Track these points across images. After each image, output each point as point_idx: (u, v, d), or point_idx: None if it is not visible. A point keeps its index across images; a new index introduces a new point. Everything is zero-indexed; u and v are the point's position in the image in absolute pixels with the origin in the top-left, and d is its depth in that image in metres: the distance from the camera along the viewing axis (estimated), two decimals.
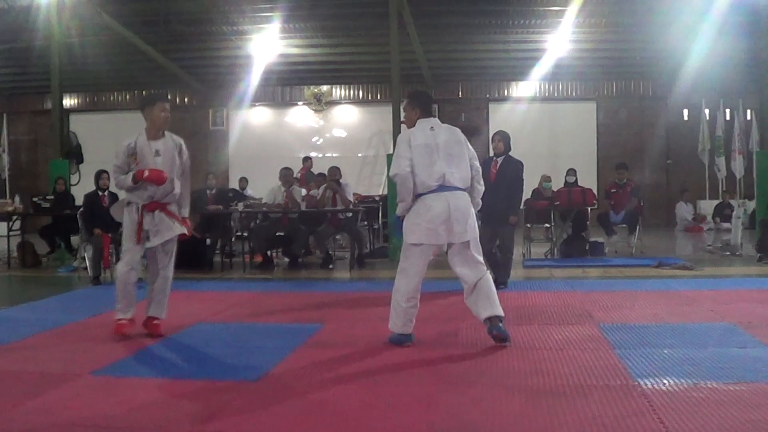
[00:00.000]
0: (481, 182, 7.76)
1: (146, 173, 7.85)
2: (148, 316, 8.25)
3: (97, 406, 5.60)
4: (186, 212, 8.39)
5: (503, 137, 11.64)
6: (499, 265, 11.46)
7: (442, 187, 7.28)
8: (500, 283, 10.94)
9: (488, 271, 7.57)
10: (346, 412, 5.42)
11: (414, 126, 7.58)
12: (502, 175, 11.34)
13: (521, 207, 13.75)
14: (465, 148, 7.54)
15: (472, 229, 7.39)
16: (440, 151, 7.35)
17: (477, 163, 7.69)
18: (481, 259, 7.50)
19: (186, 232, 8.26)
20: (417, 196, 7.34)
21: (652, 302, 9.74)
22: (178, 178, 8.20)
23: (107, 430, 5.08)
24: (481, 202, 7.78)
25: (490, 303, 7.33)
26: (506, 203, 11.27)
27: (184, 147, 8.37)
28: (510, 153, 11.64)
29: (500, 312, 7.34)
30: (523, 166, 11.68)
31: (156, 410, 5.49)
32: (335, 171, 15.24)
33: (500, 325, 7.30)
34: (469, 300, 7.48)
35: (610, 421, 5.01)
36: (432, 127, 7.50)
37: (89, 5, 19.78)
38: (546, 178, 16.71)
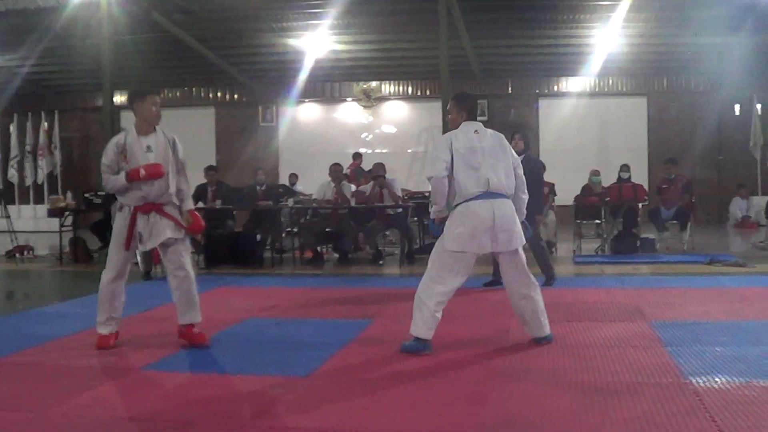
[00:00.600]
0: (525, 192, 7.55)
1: (142, 172, 7.25)
2: (181, 324, 7.57)
3: (148, 401, 5.67)
4: (190, 204, 7.78)
5: (523, 136, 11.38)
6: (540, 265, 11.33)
7: (487, 194, 7.00)
8: (549, 279, 10.93)
9: (537, 288, 7.33)
10: (396, 407, 5.44)
11: (457, 128, 7.32)
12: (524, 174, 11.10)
13: (572, 203, 13.65)
14: (509, 155, 7.33)
15: (518, 237, 7.12)
16: (485, 156, 7.09)
17: (521, 171, 7.46)
18: (528, 271, 7.28)
19: (182, 232, 7.59)
20: (459, 201, 7.06)
21: (704, 299, 9.65)
22: (173, 176, 7.58)
23: (157, 425, 5.12)
24: (525, 212, 7.63)
25: (537, 324, 7.27)
26: (530, 203, 11.09)
27: (178, 142, 7.76)
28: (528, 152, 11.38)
29: (545, 332, 7.29)
30: (543, 165, 11.63)
31: (207, 405, 5.53)
32: (379, 167, 15.27)
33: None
34: (516, 310, 7.39)
35: (661, 419, 4.98)
36: (476, 131, 7.24)
37: (139, 3, 19.93)
38: (594, 173, 16.63)
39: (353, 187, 15.60)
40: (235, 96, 28.23)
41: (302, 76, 25.11)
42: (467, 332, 7.59)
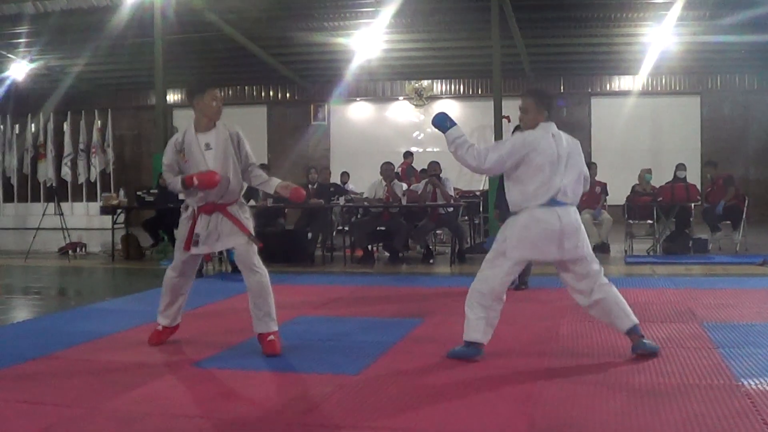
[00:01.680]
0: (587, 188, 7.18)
1: (195, 181, 6.84)
2: (258, 333, 7.14)
3: (198, 398, 5.72)
4: (275, 181, 7.33)
5: None
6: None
7: (553, 201, 6.59)
8: (521, 283, 10.84)
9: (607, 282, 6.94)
10: (446, 407, 5.44)
11: (533, 128, 6.76)
12: None
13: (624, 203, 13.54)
14: (582, 161, 6.94)
15: (584, 243, 6.75)
16: (561, 163, 6.65)
17: (587, 171, 7.09)
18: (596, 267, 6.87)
19: (245, 236, 7.14)
20: (522, 208, 6.65)
21: (757, 301, 9.57)
22: (236, 173, 7.16)
23: (208, 422, 5.16)
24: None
25: (624, 313, 6.86)
26: None
27: (242, 136, 7.30)
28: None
29: (635, 320, 6.87)
30: None
31: (257, 402, 5.57)
32: (435, 166, 15.27)
33: (644, 341, 6.82)
34: (595, 314, 6.96)
35: (713, 421, 4.95)
36: (553, 135, 6.74)
37: (192, 2, 20.08)
38: (647, 170, 16.53)
39: (405, 186, 15.63)
40: (287, 95, 28.40)
41: (353, 75, 25.20)
42: (515, 333, 7.58)
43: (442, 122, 6.94)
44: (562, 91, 26.53)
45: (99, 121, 27.98)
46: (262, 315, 7.05)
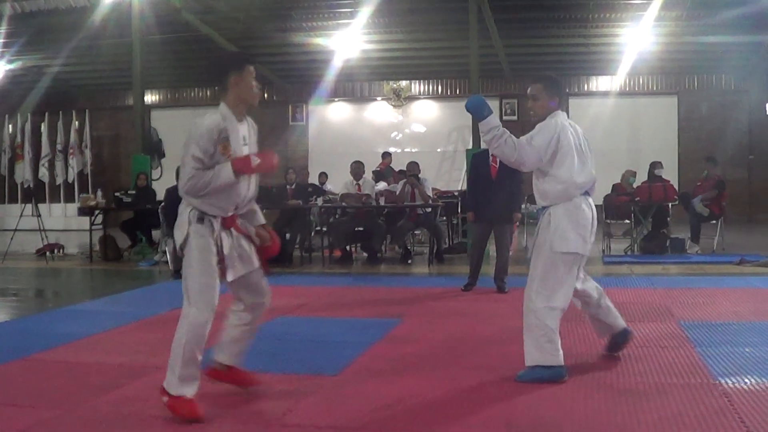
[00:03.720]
0: None
1: (256, 160, 5.43)
2: (231, 365, 5.90)
3: None
4: (261, 216, 5.92)
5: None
6: (479, 264, 11.13)
7: (587, 192, 6.40)
8: (501, 282, 10.87)
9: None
10: (424, 407, 5.46)
11: (545, 117, 6.42)
12: (503, 171, 10.51)
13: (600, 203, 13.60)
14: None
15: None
16: (586, 154, 6.45)
17: None
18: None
19: (262, 252, 5.79)
20: (564, 199, 6.28)
21: (734, 300, 9.62)
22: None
23: (185, 422, 5.15)
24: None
25: (615, 319, 6.77)
26: (509, 201, 10.81)
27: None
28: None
29: (623, 323, 6.83)
30: None
31: (235, 403, 5.58)
32: (414, 166, 15.26)
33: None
34: (594, 313, 6.78)
35: (690, 419, 4.98)
36: (571, 124, 6.51)
37: (170, 2, 20.03)
38: (631, 173, 16.57)
39: (383, 185, 15.63)
40: (265, 95, 28.27)
41: (332, 76, 25.16)
42: (493, 331, 7.60)
43: (480, 109, 6.23)
44: None
45: (77, 122, 27.82)
46: (246, 346, 5.91)
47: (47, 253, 16.35)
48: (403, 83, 27.31)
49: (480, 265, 11.11)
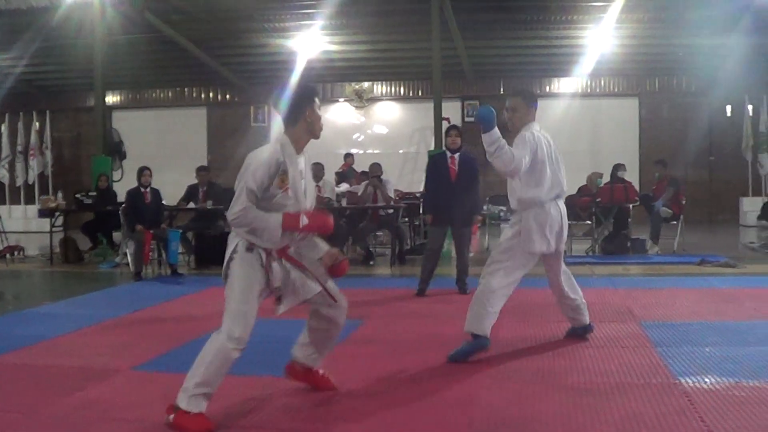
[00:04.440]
0: None
1: (304, 221, 5.32)
2: (311, 367, 5.99)
3: (138, 401, 5.67)
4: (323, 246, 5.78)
5: (461, 131, 11.02)
6: (432, 271, 11.03)
7: (557, 196, 7.09)
8: (462, 283, 10.88)
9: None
10: (387, 408, 5.44)
11: (522, 127, 7.04)
12: (462, 173, 10.71)
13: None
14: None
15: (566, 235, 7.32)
16: (556, 160, 7.10)
17: None
18: None
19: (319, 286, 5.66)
20: (534, 203, 6.95)
21: (694, 300, 9.68)
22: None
23: (148, 425, 5.12)
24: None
25: (584, 312, 7.54)
26: (470, 203, 10.83)
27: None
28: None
29: (587, 319, 7.60)
30: (478, 163, 11.10)
31: None
32: (376, 167, 15.24)
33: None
34: (564, 307, 7.56)
35: (651, 419, 5.00)
36: (542, 133, 7.15)
37: (132, 3, 19.93)
38: (598, 175, 16.63)
39: (345, 186, 15.60)
40: (227, 96, 28.23)
41: (294, 77, 25.12)
42: (455, 332, 7.58)
43: (490, 120, 6.56)
44: (502, 92, 26.61)
45: (37, 123, 27.57)
46: (326, 350, 5.96)
47: (7, 255, 16.21)
48: (366, 84, 27.31)
49: (433, 272, 11.00)
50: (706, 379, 5.88)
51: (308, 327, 5.89)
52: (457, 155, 10.76)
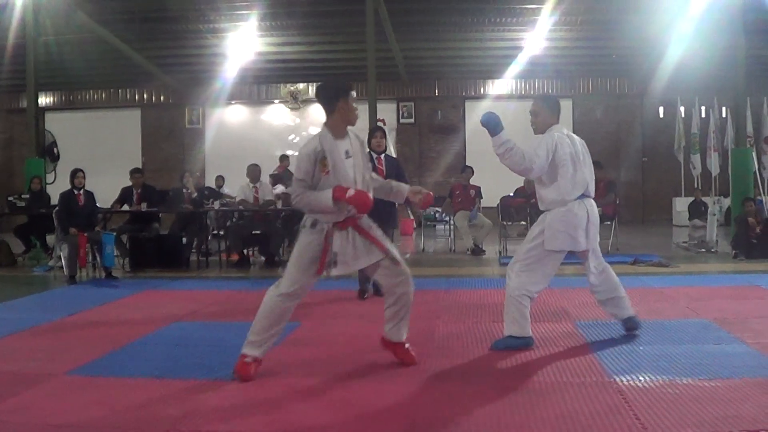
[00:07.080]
0: None
1: (350, 192, 6.05)
2: (395, 341, 6.71)
3: (73, 406, 5.57)
4: (405, 186, 6.96)
5: (385, 134, 11.09)
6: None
7: (583, 196, 7.30)
8: (362, 294, 10.76)
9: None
10: (324, 409, 5.42)
11: (545, 131, 7.49)
12: (390, 174, 10.35)
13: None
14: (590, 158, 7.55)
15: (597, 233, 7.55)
16: (581, 160, 7.33)
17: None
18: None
19: (382, 254, 6.46)
20: (558, 203, 7.26)
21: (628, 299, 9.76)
22: (370, 181, 6.56)
23: (82, 430, 5.05)
24: None
25: (625, 302, 7.72)
26: (387, 209, 10.76)
27: (365, 143, 6.93)
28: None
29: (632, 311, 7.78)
30: (402, 166, 11.26)
31: (132, 410, 5.46)
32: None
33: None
34: (606, 305, 7.74)
35: (586, 417, 5.03)
36: (568, 135, 7.48)
37: (65, 3, 19.71)
38: None
39: (281, 188, 15.55)
40: (161, 97, 28.04)
41: (229, 78, 25.04)
42: None
43: (495, 125, 7.18)
44: (437, 94, 26.72)
45: None
46: (402, 322, 6.68)
47: None
48: (301, 86, 27.30)
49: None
50: (641, 378, 5.93)
51: (385, 305, 6.70)
52: (383, 156, 10.76)
